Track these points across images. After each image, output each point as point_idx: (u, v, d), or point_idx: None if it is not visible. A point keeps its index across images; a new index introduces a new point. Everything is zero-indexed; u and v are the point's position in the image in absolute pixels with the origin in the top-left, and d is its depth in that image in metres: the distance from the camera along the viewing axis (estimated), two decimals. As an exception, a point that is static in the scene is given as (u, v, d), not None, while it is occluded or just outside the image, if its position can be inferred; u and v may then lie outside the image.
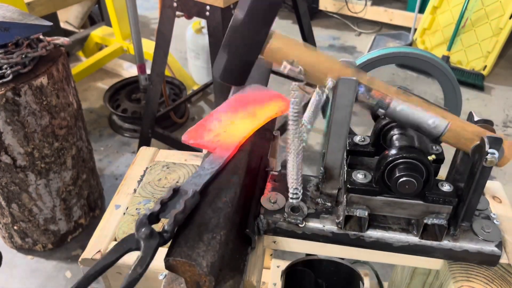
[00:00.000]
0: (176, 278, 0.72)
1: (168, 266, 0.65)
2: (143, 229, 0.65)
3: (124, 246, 0.66)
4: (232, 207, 0.73)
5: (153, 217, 0.67)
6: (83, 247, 0.92)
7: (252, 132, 0.89)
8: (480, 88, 3.48)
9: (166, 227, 0.66)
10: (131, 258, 0.89)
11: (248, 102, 0.96)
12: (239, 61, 0.73)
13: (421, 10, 3.77)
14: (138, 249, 0.65)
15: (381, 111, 0.76)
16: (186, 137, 0.88)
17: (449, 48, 3.44)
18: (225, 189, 0.76)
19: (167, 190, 0.71)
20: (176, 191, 0.71)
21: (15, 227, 2.05)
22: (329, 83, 0.72)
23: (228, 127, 0.90)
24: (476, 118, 0.79)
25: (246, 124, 0.90)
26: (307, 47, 0.74)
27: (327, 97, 0.77)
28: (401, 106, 0.75)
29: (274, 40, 0.72)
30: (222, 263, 0.68)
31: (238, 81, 0.77)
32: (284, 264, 1.46)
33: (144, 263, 0.64)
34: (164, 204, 0.69)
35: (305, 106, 0.83)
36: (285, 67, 0.72)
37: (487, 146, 0.71)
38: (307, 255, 1.15)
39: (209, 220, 0.69)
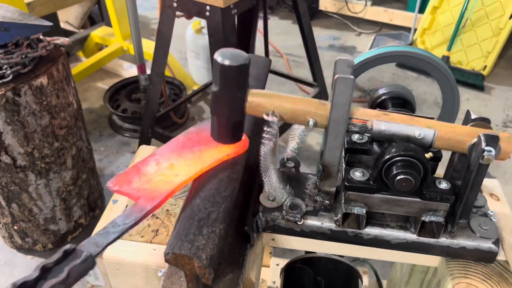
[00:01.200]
0: (175, 271, 0.73)
1: (167, 260, 0.66)
2: None
3: None
4: (231, 202, 0.73)
5: (29, 286, 0.55)
6: (83, 247, 0.92)
7: (190, 179, 0.78)
8: (480, 88, 3.48)
9: None
10: (131, 256, 0.90)
11: (198, 141, 0.84)
12: (228, 123, 0.80)
13: (421, 10, 3.77)
14: None
15: (367, 135, 0.80)
16: (112, 182, 0.76)
17: (449, 48, 3.45)
18: (224, 184, 0.76)
19: (58, 251, 0.59)
20: (68, 253, 0.60)
21: (15, 227, 2.06)
22: (311, 122, 0.78)
23: (164, 171, 0.78)
24: (473, 116, 0.80)
25: (187, 168, 0.79)
26: (283, 97, 0.79)
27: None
28: (383, 127, 0.78)
29: (250, 98, 0.78)
30: (222, 257, 0.68)
31: (234, 139, 0.83)
32: (283, 262, 1.47)
33: None
34: (47, 270, 0.57)
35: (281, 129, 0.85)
36: (267, 118, 0.77)
37: (483, 144, 0.71)
38: (306, 252, 1.15)
39: (208, 214, 0.70)
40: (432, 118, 0.81)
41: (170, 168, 0.79)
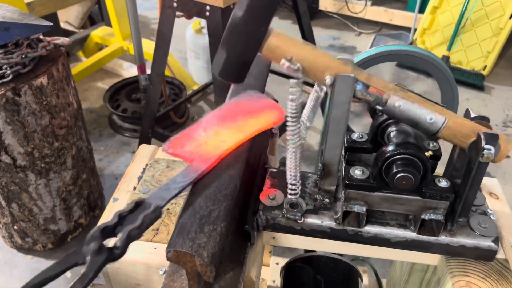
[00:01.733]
0: (177, 270, 0.73)
1: (169, 258, 0.66)
2: (92, 244, 0.61)
3: (70, 259, 0.62)
4: (232, 200, 0.74)
5: (109, 231, 0.64)
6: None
7: (236, 146, 0.83)
8: (480, 88, 3.48)
9: (117, 243, 0.62)
10: (131, 254, 0.90)
11: (239, 112, 0.90)
12: (238, 59, 0.74)
13: (421, 10, 3.77)
14: (84, 263, 0.62)
15: (379, 107, 0.77)
16: (166, 146, 0.83)
17: (449, 48, 3.45)
18: (225, 183, 0.76)
19: (130, 202, 0.68)
20: (138, 205, 0.68)
21: (15, 227, 2.06)
22: (328, 80, 0.73)
23: (212, 138, 0.84)
24: (472, 115, 0.80)
25: (231, 136, 0.84)
26: (305, 44, 0.74)
27: (326, 94, 0.78)
28: (399, 103, 0.75)
29: (272, 38, 0.73)
30: (223, 255, 0.69)
31: (237, 79, 0.78)
32: (283, 261, 1.47)
33: (85, 280, 0.60)
34: (123, 218, 0.66)
35: (303, 105, 0.83)
36: (284, 64, 0.73)
37: (483, 142, 0.72)
38: (306, 251, 1.16)
39: (209, 212, 0.70)
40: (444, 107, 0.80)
41: (217, 135, 0.85)
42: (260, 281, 1.44)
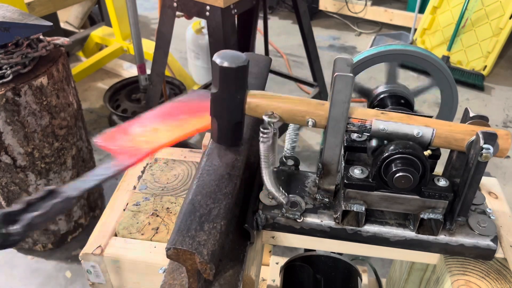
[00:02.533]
0: (177, 268, 0.74)
1: (169, 255, 0.66)
2: None
3: None
4: (232, 199, 0.74)
5: (13, 217, 0.61)
6: (83, 247, 0.92)
7: (170, 143, 0.83)
8: (480, 88, 3.48)
9: (15, 229, 0.60)
10: (131, 253, 0.90)
11: (183, 111, 0.89)
12: (228, 125, 0.81)
13: (421, 10, 3.77)
14: None
15: (366, 134, 0.80)
16: (98, 138, 0.81)
17: (449, 48, 3.45)
18: (225, 181, 0.77)
19: (41, 190, 0.66)
20: (50, 193, 0.66)
21: (16, 227, 2.06)
22: (310, 122, 0.79)
23: (148, 134, 0.84)
24: (471, 114, 0.80)
25: (168, 133, 0.83)
26: (282, 97, 0.80)
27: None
28: (383, 125, 0.78)
29: (250, 99, 0.79)
30: (222, 253, 0.69)
31: (233, 142, 0.85)
32: (283, 261, 1.47)
33: None
34: (32, 204, 0.63)
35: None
36: (265, 120, 0.77)
37: (481, 142, 0.72)
38: (306, 251, 1.16)
39: (209, 210, 0.71)
40: (431, 117, 0.81)
41: (153, 132, 0.84)
42: (260, 280, 1.44)
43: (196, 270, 0.67)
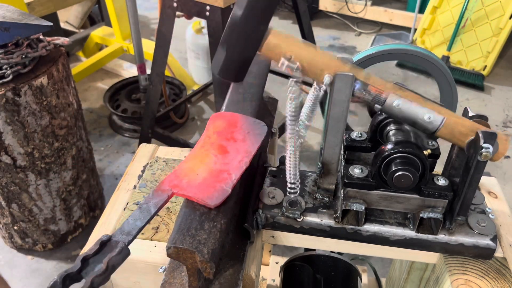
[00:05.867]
0: (177, 267, 0.74)
1: (169, 254, 0.66)
2: None
3: None
4: (232, 198, 0.74)
5: (72, 277, 0.60)
6: (83, 247, 0.92)
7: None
8: (480, 88, 3.48)
9: None
10: (131, 253, 0.90)
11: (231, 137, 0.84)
12: (238, 58, 0.74)
13: (421, 10, 3.77)
14: None
15: (377, 106, 0.77)
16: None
17: (449, 48, 3.45)
18: None
19: (95, 242, 0.64)
20: (104, 244, 0.64)
21: (15, 227, 2.06)
22: (327, 79, 0.73)
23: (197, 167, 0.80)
24: (471, 114, 0.80)
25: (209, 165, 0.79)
26: (305, 44, 0.74)
27: (325, 93, 0.78)
28: (397, 101, 0.75)
29: (272, 37, 0.73)
30: (223, 251, 0.69)
31: (237, 78, 0.77)
32: (282, 260, 1.47)
33: None
34: (86, 261, 0.62)
35: (302, 104, 0.83)
36: (283, 63, 0.73)
37: (481, 141, 0.72)
38: (305, 250, 1.16)
39: (209, 209, 0.70)
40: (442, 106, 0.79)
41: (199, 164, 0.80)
42: (260, 280, 1.45)
43: (196, 269, 0.67)
